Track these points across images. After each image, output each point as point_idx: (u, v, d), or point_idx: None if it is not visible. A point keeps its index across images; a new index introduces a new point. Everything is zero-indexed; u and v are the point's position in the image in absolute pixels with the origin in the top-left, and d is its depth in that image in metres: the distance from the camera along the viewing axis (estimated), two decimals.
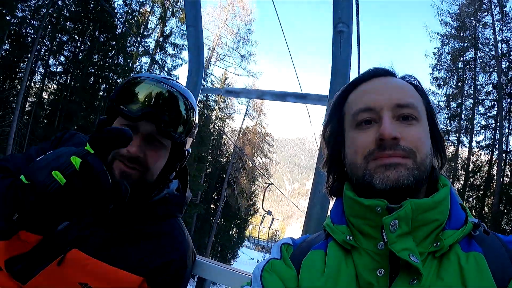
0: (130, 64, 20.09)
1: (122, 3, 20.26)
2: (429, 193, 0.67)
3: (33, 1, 16.74)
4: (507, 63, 19.03)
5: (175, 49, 21.37)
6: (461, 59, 20.22)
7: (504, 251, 0.61)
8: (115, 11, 19.68)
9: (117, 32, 18.96)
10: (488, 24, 19.68)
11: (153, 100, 0.95)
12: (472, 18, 20.19)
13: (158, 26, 21.03)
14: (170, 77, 1.06)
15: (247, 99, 28.71)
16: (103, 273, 0.96)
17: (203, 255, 23.49)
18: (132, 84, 0.98)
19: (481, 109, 19.55)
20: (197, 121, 1.10)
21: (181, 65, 21.86)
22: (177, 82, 1.06)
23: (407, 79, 0.77)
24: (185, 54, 21.12)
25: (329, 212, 0.80)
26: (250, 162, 29.54)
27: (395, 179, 0.62)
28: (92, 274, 0.95)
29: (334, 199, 0.79)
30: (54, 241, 0.96)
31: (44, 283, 0.93)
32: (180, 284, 1.09)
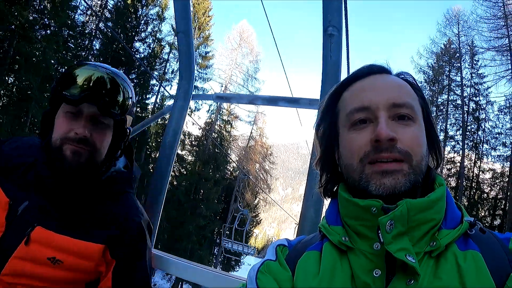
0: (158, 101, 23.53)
1: (146, 47, 23.64)
2: (425, 192, 0.66)
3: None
4: (474, 105, 23.18)
5: (196, 90, 24.76)
6: (435, 101, 24.22)
7: (501, 249, 0.60)
8: (140, 53, 22.90)
9: (140, 70, 22.11)
10: (461, 67, 23.83)
11: (91, 83, 1.00)
12: (446, 64, 24.31)
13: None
14: (108, 65, 1.11)
15: (252, 124, 32.45)
16: (68, 246, 1.01)
17: (211, 264, 26.55)
18: (71, 71, 1.03)
19: (453, 142, 23.57)
20: (134, 100, 1.14)
21: (202, 105, 25.39)
22: (114, 68, 1.12)
23: (403, 76, 0.76)
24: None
25: (324, 213, 0.79)
26: (253, 180, 33.05)
27: (392, 187, 0.61)
28: (58, 248, 1.00)
29: (329, 200, 0.78)
30: (17, 223, 1.00)
31: (17, 266, 0.97)
32: (138, 252, 1.14)
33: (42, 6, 14.03)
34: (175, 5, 2.12)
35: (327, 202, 0.81)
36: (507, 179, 20.27)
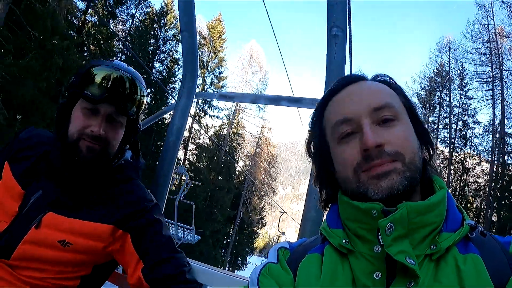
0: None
1: (164, 66, 26.13)
2: (425, 194, 0.67)
3: None
4: (461, 124, 25.79)
5: (211, 109, 27.50)
6: (427, 119, 26.75)
7: (501, 253, 0.61)
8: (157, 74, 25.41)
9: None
10: (451, 90, 26.45)
11: (111, 84, 1.07)
12: (438, 85, 26.91)
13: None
14: (123, 63, 1.16)
15: (259, 133, 35.08)
16: (78, 228, 1.06)
17: (221, 264, 28.97)
18: (92, 71, 1.09)
19: (442, 157, 26.11)
20: (146, 101, 1.21)
21: (216, 122, 27.78)
22: (129, 67, 1.16)
23: (379, 78, 0.77)
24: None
25: (325, 216, 0.80)
26: (259, 185, 35.72)
27: (389, 188, 0.62)
28: (68, 231, 1.05)
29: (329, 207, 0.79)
30: (30, 211, 1.06)
31: (27, 250, 1.02)
32: (154, 221, 1.17)
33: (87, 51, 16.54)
34: (179, 4, 2.08)
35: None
36: (488, 191, 22.89)
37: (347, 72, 1.73)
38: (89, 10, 15.93)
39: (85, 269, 1.12)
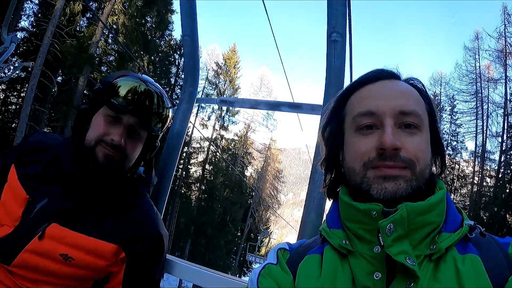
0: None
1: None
2: (426, 196, 0.66)
3: None
4: (450, 149, 28.93)
5: (226, 132, 30.62)
6: None
7: (500, 253, 0.61)
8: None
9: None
10: (442, 117, 29.68)
11: (138, 97, 1.07)
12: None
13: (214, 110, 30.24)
14: (150, 78, 1.17)
15: (266, 150, 38.13)
16: (81, 244, 1.04)
17: (232, 271, 31.72)
18: (120, 81, 1.09)
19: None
20: (170, 118, 1.23)
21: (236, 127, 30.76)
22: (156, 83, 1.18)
23: (412, 81, 0.76)
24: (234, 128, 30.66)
25: (325, 216, 0.81)
26: (265, 197, 38.70)
27: (393, 191, 0.62)
28: (72, 245, 1.03)
29: (331, 201, 0.80)
30: (34, 219, 1.03)
31: (28, 259, 1.00)
32: (153, 258, 1.15)
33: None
34: (181, 8, 2.13)
35: (328, 206, 0.80)
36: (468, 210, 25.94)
37: (346, 78, 1.69)
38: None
39: (85, 284, 1.11)
